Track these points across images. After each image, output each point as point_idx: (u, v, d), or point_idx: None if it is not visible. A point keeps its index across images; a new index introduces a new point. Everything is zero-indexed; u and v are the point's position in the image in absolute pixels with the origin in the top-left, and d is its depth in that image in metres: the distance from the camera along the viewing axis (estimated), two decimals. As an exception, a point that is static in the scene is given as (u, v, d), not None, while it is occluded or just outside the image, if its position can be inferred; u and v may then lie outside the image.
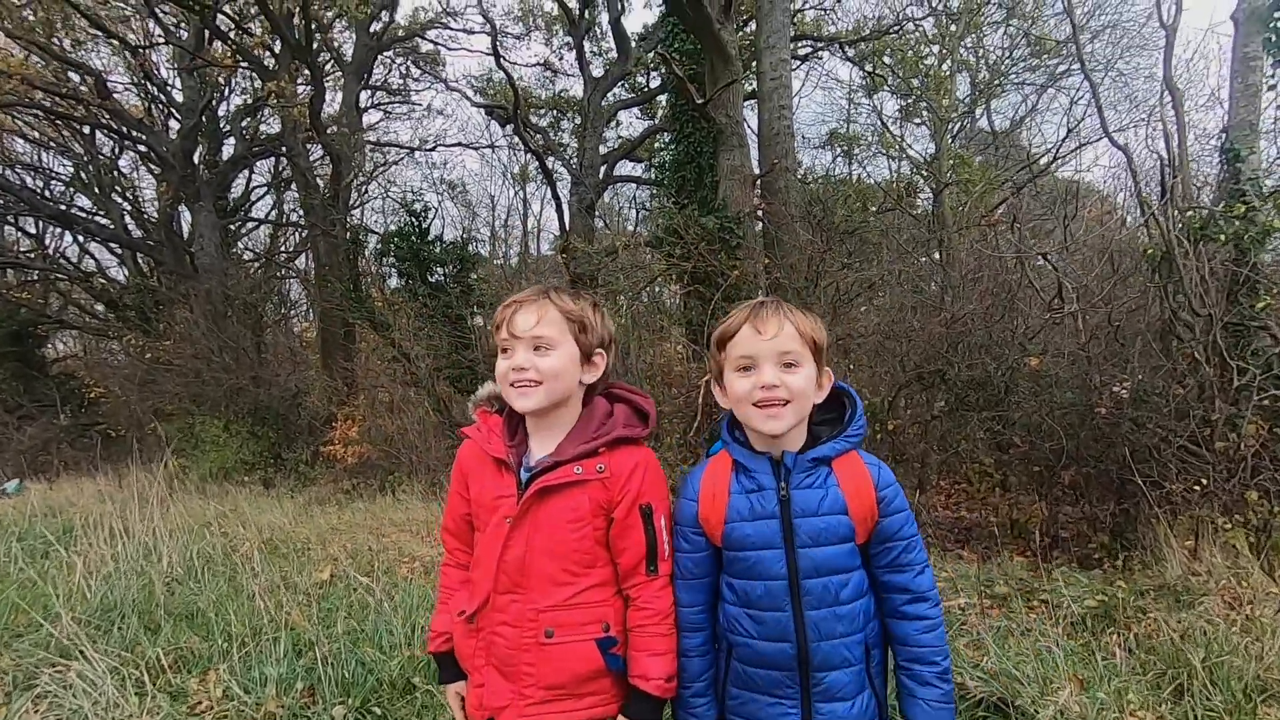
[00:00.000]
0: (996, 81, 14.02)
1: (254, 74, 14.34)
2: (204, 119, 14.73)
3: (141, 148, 15.83)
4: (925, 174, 12.03)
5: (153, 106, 15.79)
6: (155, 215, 16.03)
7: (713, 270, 6.96)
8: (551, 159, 15.10)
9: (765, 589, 1.37)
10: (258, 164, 17.91)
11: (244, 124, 16.15)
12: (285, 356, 12.84)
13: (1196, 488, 4.07)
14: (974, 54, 13.89)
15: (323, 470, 9.86)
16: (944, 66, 13.43)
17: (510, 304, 1.46)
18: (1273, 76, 5.85)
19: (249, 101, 16.08)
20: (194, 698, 2.69)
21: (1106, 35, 13.80)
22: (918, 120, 14.71)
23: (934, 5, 12.97)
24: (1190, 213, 5.08)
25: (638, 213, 19.50)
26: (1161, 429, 4.47)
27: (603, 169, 14.82)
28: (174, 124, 15.46)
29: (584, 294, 1.52)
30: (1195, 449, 4.34)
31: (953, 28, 13.02)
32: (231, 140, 16.30)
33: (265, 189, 18.76)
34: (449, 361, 9.79)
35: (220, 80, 15.21)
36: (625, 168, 17.32)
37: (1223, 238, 4.76)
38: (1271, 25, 5.79)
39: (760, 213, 7.77)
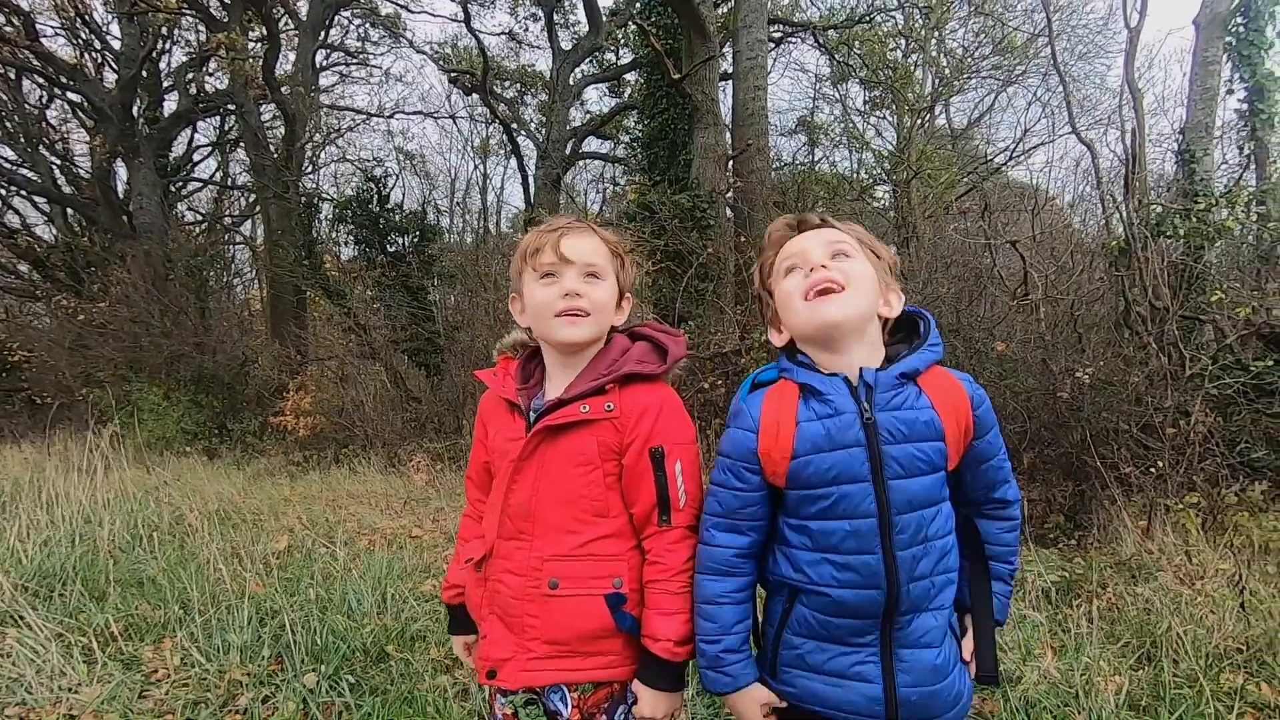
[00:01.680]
0: (958, 81, 14.31)
1: (201, 24, 13.54)
2: (144, 70, 13.84)
3: (74, 97, 14.81)
4: (891, 165, 12.22)
5: (86, 54, 14.77)
6: (89, 170, 15.04)
7: (684, 248, 6.91)
8: (517, 131, 14.75)
9: (851, 529, 1.17)
10: (203, 121, 16.99)
11: (189, 78, 15.24)
12: (232, 323, 12.28)
13: (1151, 471, 4.24)
14: (939, 50, 14.13)
15: (272, 441, 9.48)
16: (911, 60, 13.62)
17: (553, 228, 1.34)
18: (1231, 81, 6.11)
19: (195, 54, 15.19)
20: (149, 666, 2.52)
21: (1063, 41, 14.22)
22: (880, 115, 14.92)
23: (902, 0, 13.12)
24: (1151, 208, 5.26)
25: (603, 193, 19.28)
26: (1117, 415, 4.64)
27: (569, 144, 14.56)
28: (110, 74, 14.50)
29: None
30: (1149, 434, 4.52)
31: (920, 22, 13.21)
32: (175, 94, 15.38)
33: (210, 148, 17.82)
34: (408, 334, 9.53)
35: (163, 30, 14.29)
36: (592, 145, 17.08)
37: (1180, 234, 4.94)
38: (1231, 30, 6.04)
39: (732, 192, 7.74)
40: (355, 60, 17.88)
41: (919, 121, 13.29)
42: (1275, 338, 4.75)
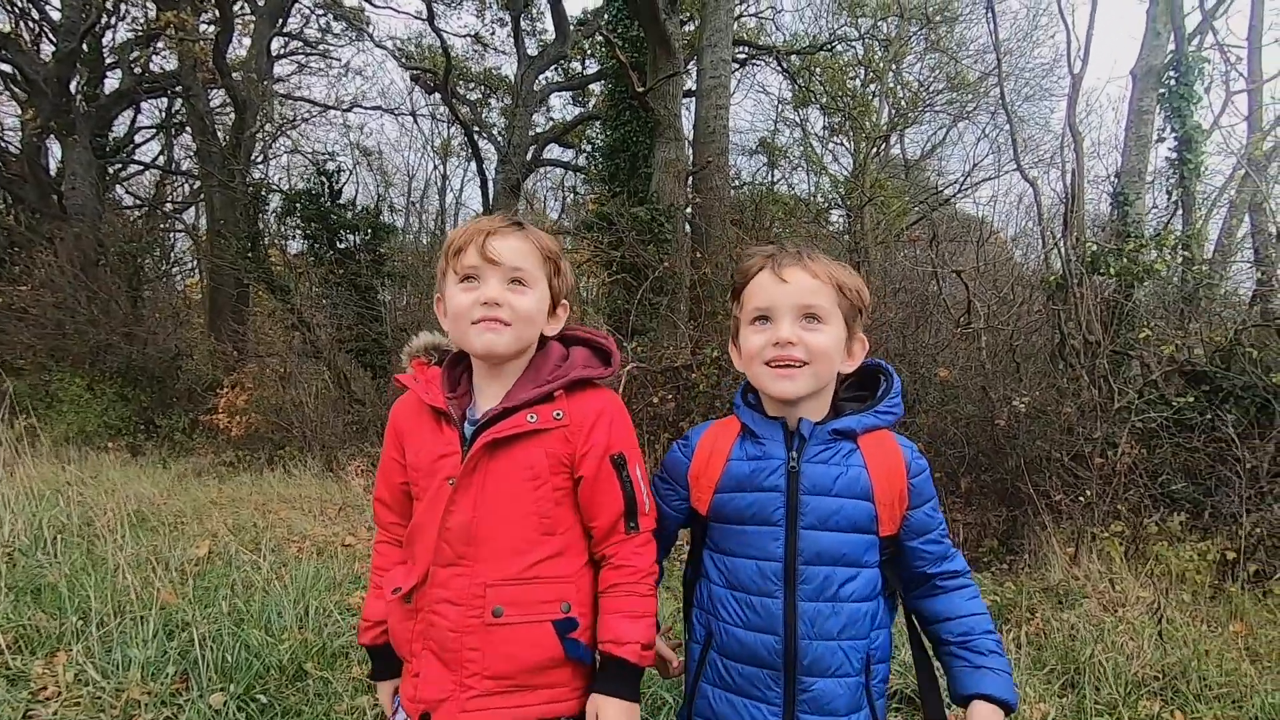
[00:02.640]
0: (913, 113, 14.80)
1: (150, 0, 12.99)
2: (85, 44, 13.18)
3: (5, 67, 13.99)
4: (846, 191, 12.52)
5: (22, 23, 13.99)
6: (17, 146, 14.20)
7: (641, 261, 6.90)
8: (478, 134, 14.58)
9: (757, 570, 1.19)
10: (146, 103, 16.25)
11: (133, 56, 14.57)
12: (166, 314, 11.73)
13: (1081, 499, 4.38)
14: (897, 82, 14.59)
15: (202, 440, 9.05)
16: (869, 90, 14.01)
17: (478, 229, 1.23)
18: (1163, 130, 6.45)
19: (142, 31, 14.55)
20: (39, 682, 2.32)
21: (1011, 82, 14.88)
22: (838, 141, 15.30)
23: (863, 32, 13.53)
24: (1087, 246, 5.49)
25: (562, 201, 19.20)
26: (1050, 443, 4.80)
27: (531, 150, 14.46)
28: (48, 46, 13.76)
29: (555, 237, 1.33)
30: (1079, 463, 4.69)
31: (879, 54, 13.62)
32: (117, 73, 14.68)
33: (154, 131, 17.07)
34: (354, 333, 9.26)
35: (107, 4, 13.65)
36: (553, 152, 17.00)
37: (1113, 272, 5.16)
38: (1165, 83, 6.39)
39: (691, 208, 7.78)
40: (314, 51, 17.42)
41: (875, 150, 13.66)
42: (1196, 375, 4.99)
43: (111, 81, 14.65)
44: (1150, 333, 5.05)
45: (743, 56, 13.72)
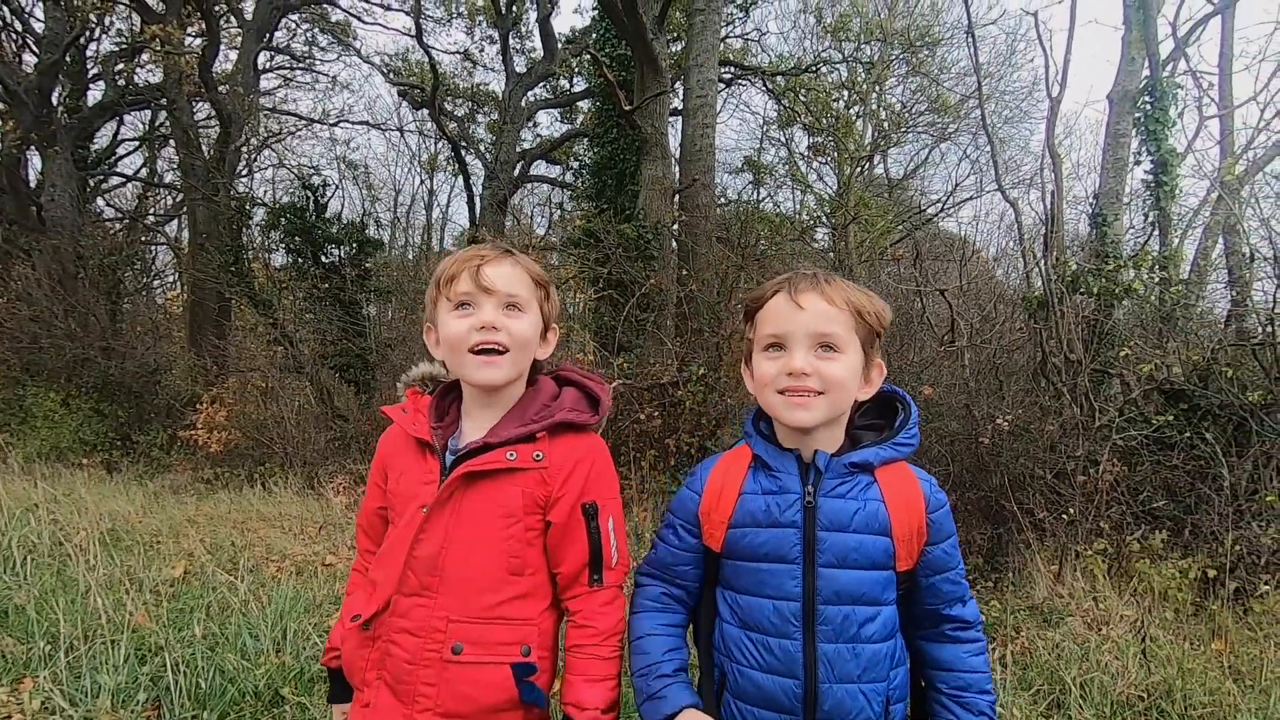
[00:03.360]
0: (895, 134, 15.06)
1: (135, 13, 12.94)
2: (68, 56, 13.09)
3: (-14, 77, 13.84)
4: (830, 209, 12.67)
5: (4, 34, 13.86)
6: (-4, 156, 14.01)
7: (627, 277, 6.92)
8: (466, 149, 14.61)
9: (774, 610, 1.15)
10: (129, 115, 16.14)
11: (118, 68, 14.49)
12: (146, 328, 11.56)
13: (1064, 516, 4.41)
14: (879, 104, 14.84)
15: (181, 456, 8.89)
16: (853, 111, 14.23)
17: (471, 257, 1.24)
18: (1140, 153, 6.59)
19: (127, 44, 14.48)
20: (3, 710, 2.24)
21: (991, 104, 15.19)
22: (822, 160, 15.51)
23: (847, 55, 13.77)
24: (1067, 265, 5.57)
25: (549, 217, 19.24)
26: (1033, 461, 4.83)
27: (518, 166, 14.51)
28: (30, 57, 13.64)
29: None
30: (1061, 481, 4.72)
31: (862, 76, 13.86)
32: (100, 85, 14.58)
33: (137, 144, 16.93)
34: (338, 349, 9.18)
35: (92, 17, 13.58)
36: (540, 168, 17.07)
37: (1094, 291, 5.24)
38: (1140, 107, 6.54)
39: (677, 225, 7.83)
40: (300, 65, 17.41)
41: (858, 169, 13.85)
42: (1175, 394, 5.06)
43: (94, 93, 14.55)
44: (1130, 351, 5.12)
45: (728, 77, 13.90)
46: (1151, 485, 4.78)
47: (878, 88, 14.26)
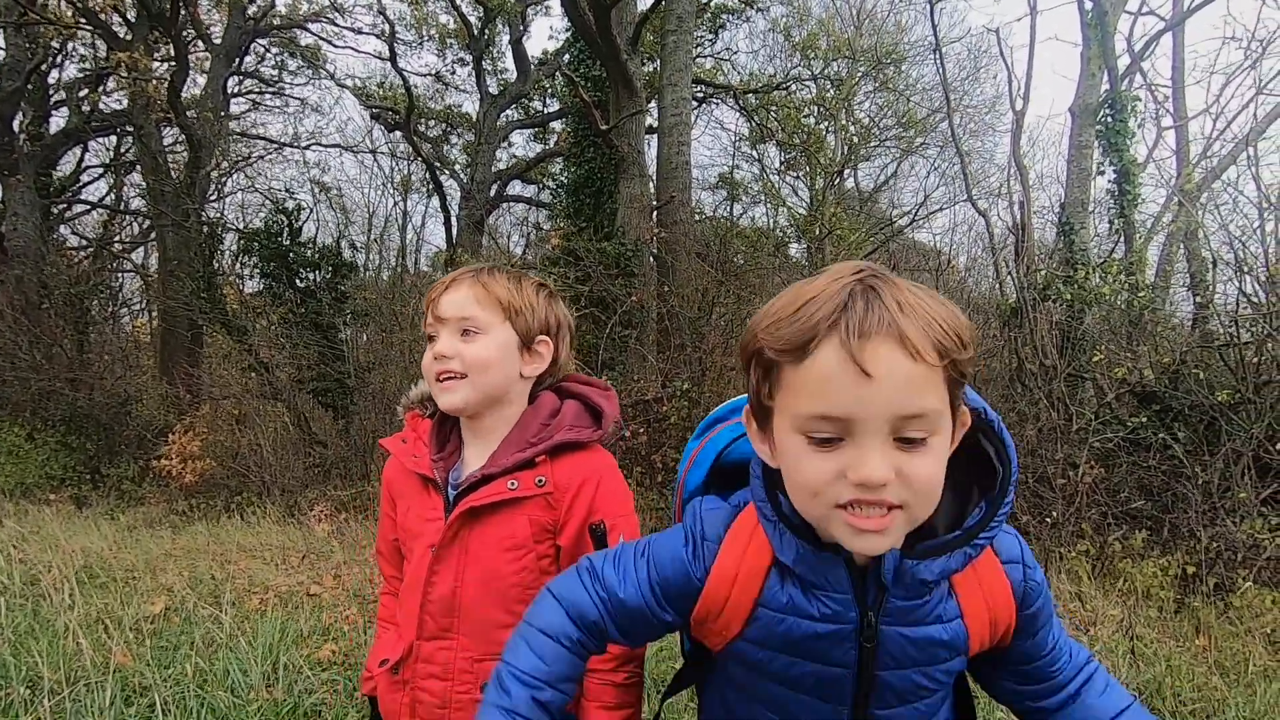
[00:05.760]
0: (865, 148, 15.39)
1: (101, 40, 12.77)
2: (30, 83, 12.85)
3: (-56, 106, 13.51)
4: (804, 224, 12.87)
5: (-37, 61, 13.57)
6: (-45, 185, 13.66)
7: (609, 295, 6.94)
8: (440, 171, 14.59)
9: (814, 711, 0.87)
10: (95, 141, 15.86)
11: (82, 95, 14.26)
12: (115, 358, 11.29)
13: (1047, 520, 4.49)
14: (849, 119, 15.16)
15: (153, 489, 8.66)
16: (823, 126, 14.52)
17: (440, 283, 1.25)
18: (1102, 163, 6.81)
19: (91, 70, 14.27)
20: (-18, 761, 2.16)
21: (956, 117, 15.60)
22: (795, 175, 15.77)
23: (816, 73, 14.08)
24: (1038, 273, 5.72)
25: (527, 236, 19.25)
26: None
27: (494, 186, 14.52)
28: (-10, 84, 13.36)
29: (526, 274, 1.30)
30: (1043, 485, 4.82)
31: (831, 92, 14.16)
32: (64, 111, 14.33)
33: (102, 170, 16.64)
34: (315, 373, 9.04)
35: (55, 43, 13.37)
36: (516, 188, 17.11)
37: (1066, 297, 5.38)
38: (1101, 119, 6.77)
39: (656, 242, 7.89)
40: (270, 89, 17.30)
41: (830, 183, 14.10)
42: (1147, 395, 5.20)
43: (58, 120, 14.29)
44: (1103, 355, 5.26)
45: (701, 95, 14.11)
46: (1129, 486, 4.90)
47: (847, 103, 14.59)
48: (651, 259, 8.06)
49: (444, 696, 1.16)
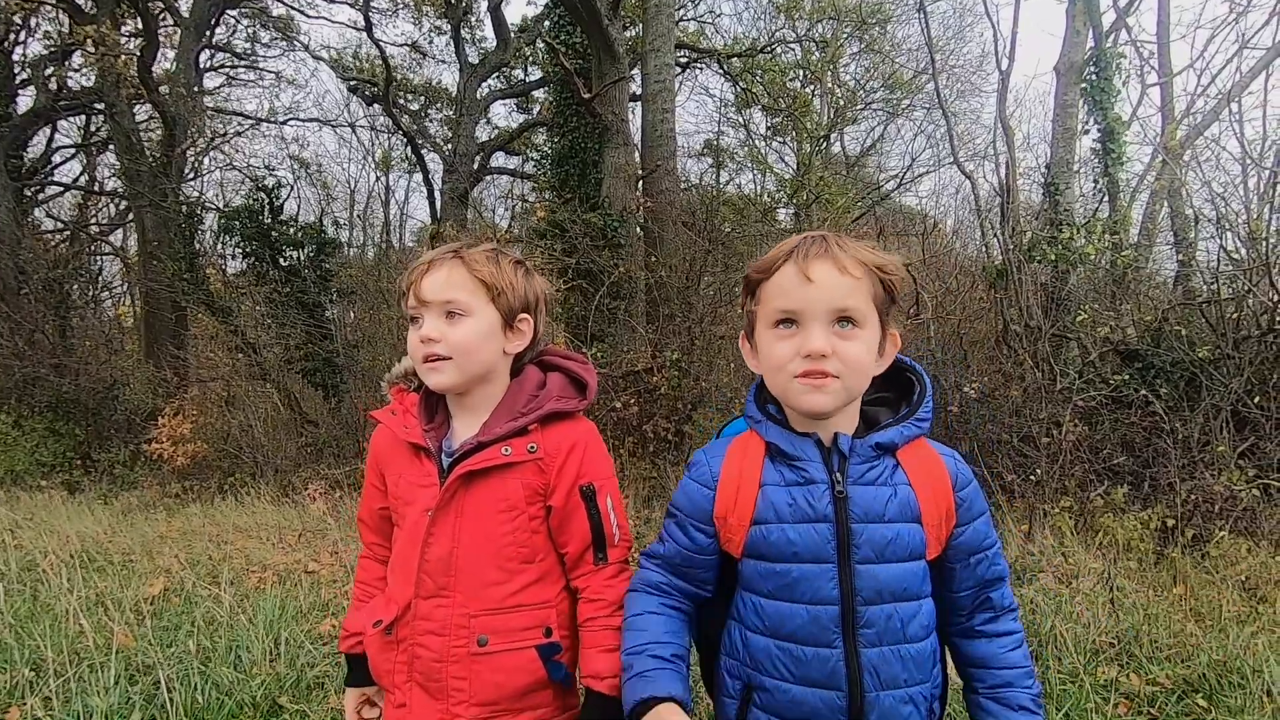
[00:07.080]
0: (851, 111, 15.24)
1: (64, 14, 12.36)
2: (-6, 62, 12.47)
3: (-95, 87, 13.10)
4: (792, 189, 12.80)
5: (-77, 40, 13.13)
6: (-78, 170, 13.32)
7: (596, 266, 6.91)
8: (422, 144, 14.35)
9: (809, 616, 1.04)
10: (65, 120, 15.46)
11: (49, 72, 13.84)
12: (98, 342, 11.18)
13: (1031, 478, 4.58)
14: (835, 82, 14.98)
15: (145, 472, 8.65)
16: (809, 90, 14.35)
17: (420, 265, 1.27)
18: (1087, 122, 6.79)
19: (57, 47, 13.83)
20: (-9, 741, 2.20)
21: (942, 78, 15.45)
22: (781, 141, 15.63)
23: (800, 35, 13.87)
24: (1023, 234, 5.74)
25: (512, 209, 19.04)
26: (1000, 426, 5.00)
27: (477, 159, 14.31)
28: (-48, 64, 12.95)
29: (505, 251, 1.33)
30: (1027, 444, 4.90)
31: (816, 56, 13.97)
32: (31, 90, 13.92)
33: (74, 150, 16.24)
34: (303, 353, 8.99)
35: (17, 19, 12.93)
36: (499, 160, 16.86)
37: (1051, 258, 5.41)
38: (1085, 78, 6.73)
39: (642, 212, 7.83)
40: (244, 64, 16.86)
41: (817, 148, 13.99)
42: (1129, 354, 5.28)
43: (25, 100, 13.89)
44: (1087, 315, 5.32)
45: (685, 60, 13.87)
46: (1111, 443, 4.99)
47: (832, 66, 14.41)
48: (638, 229, 8.00)
49: (441, 651, 1.21)
